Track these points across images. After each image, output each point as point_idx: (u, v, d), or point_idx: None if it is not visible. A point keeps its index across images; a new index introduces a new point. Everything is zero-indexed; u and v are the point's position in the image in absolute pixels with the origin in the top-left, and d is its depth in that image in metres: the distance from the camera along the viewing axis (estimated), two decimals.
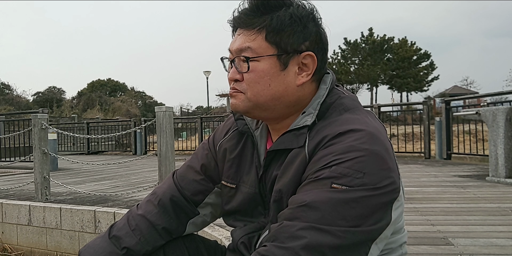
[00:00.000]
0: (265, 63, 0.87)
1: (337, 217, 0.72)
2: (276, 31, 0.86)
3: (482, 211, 3.15)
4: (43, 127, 4.22)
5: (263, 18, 0.86)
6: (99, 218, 3.59)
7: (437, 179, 5.01)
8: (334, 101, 0.90)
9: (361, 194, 0.73)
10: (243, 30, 0.88)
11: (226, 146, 1.02)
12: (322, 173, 0.77)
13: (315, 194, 0.75)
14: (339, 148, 0.78)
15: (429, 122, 8.18)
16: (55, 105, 33.31)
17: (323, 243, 0.71)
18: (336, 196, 0.73)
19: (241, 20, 0.88)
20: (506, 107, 4.63)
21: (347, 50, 35.34)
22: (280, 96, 0.88)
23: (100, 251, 0.97)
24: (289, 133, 0.88)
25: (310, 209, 0.73)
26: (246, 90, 0.88)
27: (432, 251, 2.23)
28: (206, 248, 1.09)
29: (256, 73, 0.87)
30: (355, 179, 0.74)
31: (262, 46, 0.86)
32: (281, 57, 0.86)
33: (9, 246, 4.09)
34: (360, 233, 0.72)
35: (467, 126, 7.71)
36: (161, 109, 3.65)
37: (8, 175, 6.82)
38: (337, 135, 0.80)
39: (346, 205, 0.72)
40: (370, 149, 0.77)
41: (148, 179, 5.75)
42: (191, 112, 29.53)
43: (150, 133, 12.23)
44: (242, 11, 0.89)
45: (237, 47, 0.88)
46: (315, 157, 0.81)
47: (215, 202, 1.06)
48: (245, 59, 0.87)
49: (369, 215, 0.73)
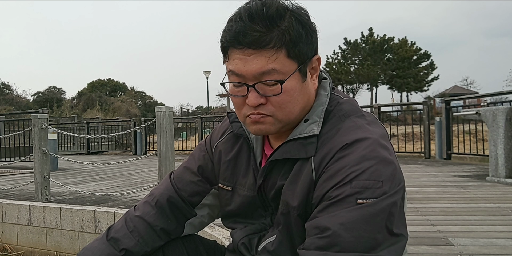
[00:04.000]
0: (292, 80, 0.82)
1: (372, 232, 0.73)
2: (295, 45, 0.80)
3: (482, 211, 3.15)
4: (43, 127, 4.22)
5: (275, 33, 0.78)
6: (99, 218, 3.59)
7: (437, 179, 5.01)
8: (334, 107, 0.89)
9: (386, 202, 0.75)
10: (257, 51, 0.79)
11: (221, 148, 1.02)
12: (344, 190, 0.76)
13: (346, 214, 0.74)
14: (351, 160, 0.78)
15: (429, 122, 8.18)
16: (55, 105, 33.28)
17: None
18: (366, 211, 0.74)
19: (252, 39, 0.78)
20: (506, 107, 4.63)
21: (347, 50, 35.35)
22: (305, 106, 0.87)
23: (99, 254, 0.97)
24: (294, 142, 0.86)
25: (346, 231, 0.73)
26: (275, 112, 0.83)
27: (432, 251, 2.23)
28: (206, 248, 1.09)
29: (287, 93, 0.82)
30: (376, 190, 0.75)
31: (286, 65, 0.80)
32: (301, 69, 0.83)
33: (9, 246, 4.09)
34: (399, 240, 0.76)
35: (467, 126, 7.71)
36: (161, 109, 3.65)
37: (8, 175, 6.82)
38: (344, 146, 0.80)
39: (378, 217, 0.74)
40: (380, 156, 0.78)
41: (148, 179, 5.75)
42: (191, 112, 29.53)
43: (150, 133, 12.23)
44: (246, 28, 0.78)
45: (257, 71, 0.79)
46: (327, 173, 0.79)
47: (212, 203, 1.05)
48: (274, 82, 0.80)
49: (398, 219, 0.76)
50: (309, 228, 0.78)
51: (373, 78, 33.50)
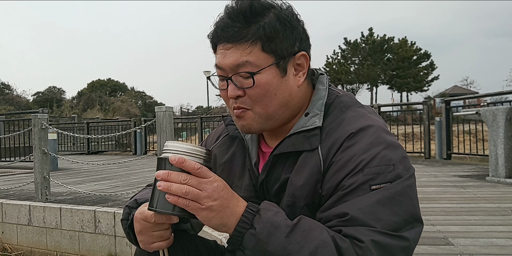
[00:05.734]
0: (267, 74, 0.84)
1: (391, 215, 0.74)
2: (270, 39, 0.83)
3: (482, 211, 3.15)
4: (43, 127, 4.22)
5: (252, 28, 0.82)
6: (99, 218, 3.59)
7: (437, 179, 5.01)
8: (333, 100, 0.91)
9: (401, 185, 0.76)
10: (233, 44, 0.83)
11: (216, 152, 1.03)
12: (356, 179, 0.77)
13: (360, 201, 0.75)
14: (359, 149, 0.79)
15: (429, 122, 8.18)
16: (55, 105, 33.30)
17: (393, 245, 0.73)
18: (381, 195, 0.75)
19: (229, 34, 0.83)
20: (506, 107, 4.63)
21: (347, 50, 35.35)
22: (286, 102, 0.88)
23: None
24: (298, 135, 0.87)
25: (365, 215, 0.73)
26: (252, 105, 0.86)
27: (432, 251, 2.23)
28: (205, 248, 1.08)
29: (261, 86, 0.84)
30: (388, 174, 0.77)
31: (261, 58, 0.83)
32: (280, 64, 0.85)
33: (9, 246, 4.10)
34: (417, 225, 0.77)
35: (467, 126, 7.71)
36: (161, 109, 3.65)
37: (8, 175, 6.82)
38: (350, 135, 0.82)
39: (394, 200, 0.75)
40: (386, 141, 0.81)
41: (148, 179, 5.74)
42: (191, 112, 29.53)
43: (150, 133, 12.23)
44: (226, 24, 0.84)
45: (232, 63, 0.83)
46: (337, 163, 0.80)
47: None
48: (248, 75, 0.83)
49: (415, 202, 0.78)
50: (327, 218, 0.78)
51: (373, 78, 33.50)
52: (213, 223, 0.75)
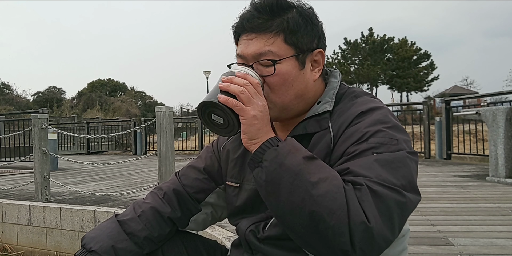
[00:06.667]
0: (287, 65, 0.89)
1: (389, 174, 0.75)
2: (293, 32, 0.88)
3: (482, 211, 3.15)
4: (43, 127, 4.22)
5: (277, 21, 0.88)
6: (99, 218, 3.59)
7: (437, 179, 5.01)
8: (345, 91, 0.96)
9: (402, 155, 0.79)
10: (258, 35, 0.89)
11: (229, 147, 1.05)
12: (359, 147, 0.80)
13: (361, 160, 0.77)
14: (367, 122, 0.83)
15: (429, 122, 8.17)
16: (55, 105, 33.27)
17: (389, 196, 0.73)
18: (381, 157, 0.77)
19: (254, 24, 0.89)
20: (506, 107, 4.63)
21: (347, 50, 35.37)
22: (302, 94, 0.92)
23: (108, 231, 0.97)
24: (309, 120, 0.91)
25: (365, 170, 0.75)
26: (270, 93, 0.90)
27: (432, 251, 2.23)
28: (206, 247, 1.09)
29: (280, 75, 0.88)
30: (392, 146, 0.79)
31: (282, 49, 0.88)
32: (299, 57, 0.90)
33: (9, 246, 4.09)
34: (413, 191, 0.77)
35: (467, 126, 7.71)
36: (161, 109, 3.65)
37: (8, 175, 6.82)
38: (359, 114, 0.86)
39: (393, 164, 0.76)
40: (394, 122, 0.84)
41: (148, 179, 5.75)
42: (191, 112, 29.51)
43: (150, 133, 12.22)
44: (252, 15, 0.89)
45: (255, 52, 0.88)
46: (344, 135, 0.84)
47: (216, 202, 1.07)
48: (270, 62, 0.88)
49: (413, 178, 0.78)
50: None
51: (373, 78, 33.52)
52: (251, 130, 0.81)
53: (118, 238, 0.95)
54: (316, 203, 0.70)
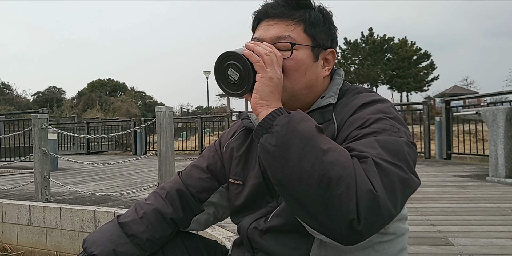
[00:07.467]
0: (303, 53, 0.92)
1: (390, 155, 0.75)
2: (313, 25, 0.93)
3: (482, 211, 3.15)
4: (43, 127, 4.22)
5: (300, 12, 0.93)
6: (99, 218, 3.59)
7: (437, 179, 5.01)
8: (349, 87, 0.99)
9: (403, 141, 0.79)
10: (279, 21, 0.93)
11: (233, 145, 1.06)
12: (362, 131, 0.81)
13: (363, 140, 0.78)
14: (369, 110, 0.85)
15: (429, 122, 8.18)
16: (55, 105, 33.27)
17: (392, 171, 0.73)
18: (382, 139, 0.78)
19: (278, 11, 0.93)
20: (506, 107, 4.63)
21: (347, 50, 35.32)
22: (312, 85, 0.95)
23: (109, 234, 0.97)
24: (313, 112, 0.94)
25: (366, 147, 0.76)
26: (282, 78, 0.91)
27: (432, 251, 2.23)
28: (206, 247, 1.09)
29: (296, 60, 0.91)
30: (393, 133, 0.80)
31: (301, 37, 0.92)
32: (315, 50, 0.94)
33: (9, 246, 4.09)
34: (413, 178, 0.76)
35: (467, 126, 7.71)
36: (161, 109, 3.65)
37: (8, 175, 6.82)
38: (362, 104, 0.88)
39: (394, 147, 0.77)
40: (395, 114, 0.86)
41: (148, 179, 5.75)
42: (191, 112, 29.53)
43: (150, 133, 12.22)
44: (277, 3, 0.94)
45: (275, 35, 0.92)
46: (347, 123, 0.86)
47: (218, 202, 1.07)
48: (289, 46, 0.91)
49: (413, 164, 0.78)
50: None
51: (373, 78, 33.50)
52: (264, 89, 0.82)
53: (119, 242, 0.95)
54: (327, 169, 0.69)
